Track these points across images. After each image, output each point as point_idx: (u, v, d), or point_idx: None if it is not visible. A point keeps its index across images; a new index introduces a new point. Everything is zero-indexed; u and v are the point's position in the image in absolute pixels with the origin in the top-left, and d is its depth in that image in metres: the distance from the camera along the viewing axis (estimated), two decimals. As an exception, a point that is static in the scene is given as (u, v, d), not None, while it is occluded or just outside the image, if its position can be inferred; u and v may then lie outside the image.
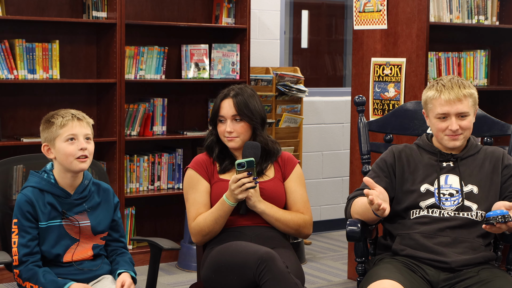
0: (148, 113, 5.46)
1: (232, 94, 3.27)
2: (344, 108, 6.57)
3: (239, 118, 3.25)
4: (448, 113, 3.00)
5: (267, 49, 6.29)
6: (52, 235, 2.91)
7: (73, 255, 2.95)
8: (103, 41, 5.33)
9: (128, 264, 3.02)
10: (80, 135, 2.91)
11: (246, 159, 3.09)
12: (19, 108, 5.19)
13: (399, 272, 2.87)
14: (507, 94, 5.69)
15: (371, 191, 2.81)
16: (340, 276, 5.29)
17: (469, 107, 3.02)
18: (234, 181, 3.11)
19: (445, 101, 2.99)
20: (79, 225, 2.96)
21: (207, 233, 3.21)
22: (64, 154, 2.90)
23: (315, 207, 6.51)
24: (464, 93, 3.00)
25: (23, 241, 2.87)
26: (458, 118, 3.00)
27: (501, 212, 2.76)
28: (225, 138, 3.27)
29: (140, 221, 5.65)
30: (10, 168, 3.12)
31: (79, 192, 2.97)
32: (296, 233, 3.30)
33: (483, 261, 2.97)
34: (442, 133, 3.04)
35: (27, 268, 2.87)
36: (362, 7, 5.00)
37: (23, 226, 2.88)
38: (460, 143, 3.05)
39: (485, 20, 5.31)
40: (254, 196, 3.17)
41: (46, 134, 2.95)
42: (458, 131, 3.01)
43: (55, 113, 2.97)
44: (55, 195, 2.93)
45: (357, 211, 3.04)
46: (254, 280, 2.91)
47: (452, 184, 3.04)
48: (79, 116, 2.94)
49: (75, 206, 2.97)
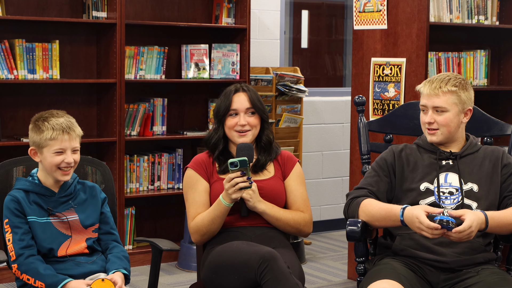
0: (148, 113, 5.46)
1: (244, 88, 3.31)
2: (344, 108, 6.57)
3: (253, 111, 3.27)
4: (426, 105, 3.07)
5: (267, 49, 6.29)
6: (42, 232, 2.95)
7: (67, 249, 2.97)
8: (103, 41, 5.33)
9: (121, 260, 3.02)
10: (68, 148, 2.96)
11: (239, 158, 3.09)
12: (19, 108, 5.19)
13: (399, 272, 2.86)
14: (507, 94, 5.69)
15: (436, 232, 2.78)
16: (340, 276, 5.29)
17: (448, 104, 3.02)
18: (227, 180, 3.11)
19: (425, 94, 3.07)
20: (68, 220, 2.99)
21: (205, 233, 3.21)
22: (50, 164, 2.96)
23: (315, 207, 6.51)
24: (444, 89, 3.02)
25: (17, 236, 2.91)
26: (434, 112, 3.05)
27: (449, 218, 2.76)
28: (235, 133, 3.27)
29: (140, 221, 5.65)
30: (10, 169, 3.14)
31: (64, 189, 3.02)
32: (297, 232, 3.30)
33: (483, 261, 2.97)
34: (423, 126, 3.11)
35: (26, 262, 2.89)
36: (362, 7, 5.00)
37: (14, 222, 2.93)
38: (436, 138, 3.07)
39: (485, 20, 5.31)
40: (253, 197, 3.17)
41: (35, 139, 2.98)
42: (433, 125, 3.05)
43: (46, 117, 2.97)
44: (39, 194, 2.98)
45: (371, 214, 2.98)
46: (255, 280, 2.91)
47: (452, 182, 3.04)
48: (69, 130, 2.96)
49: (61, 204, 3.01)
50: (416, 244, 2.98)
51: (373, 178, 3.10)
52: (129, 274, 3.01)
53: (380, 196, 3.07)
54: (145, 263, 5.41)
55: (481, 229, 2.86)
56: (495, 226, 2.90)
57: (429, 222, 2.77)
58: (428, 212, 2.80)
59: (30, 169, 3.11)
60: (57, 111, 3.03)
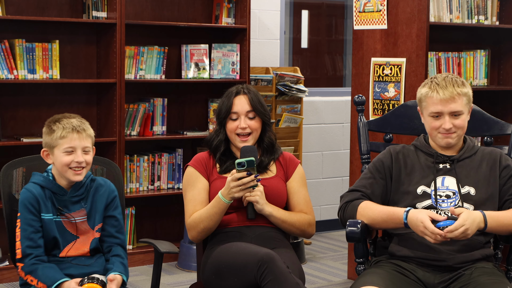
0: (148, 113, 5.46)
1: (245, 91, 3.29)
2: (344, 108, 6.57)
3: (253, 114, 3.27)
4: (442, 112, 2.98)
5: (267, 49, 6.29)
6: (51, 230, 2.94)
7: (69, 250, 2.98)
8: (103, 41, 5.33)
9: (124, 267, 3.03)
10: (79, 148, 2.96)
11: (246, 159, 3.09)
12: (19, 108, 5.19)
13: (385, 278, 2.86)
14: (507, 94, 5.69)
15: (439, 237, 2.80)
16: (340, 276, 5.29)
17: (462, 106, 2.99)
18: (233, 179, 3.10)
19: (438, 100, 2.97)
20: (75, 222, 2.99)
21: (202, 230, 3.20)
22: (60, 164, 2.96)
23: (315, 207, 6.51)
24: (458, 91, 2.97)
25: (26, 234, 2.91)
26: (451, 117, 2.99)
27: (451, 222, 2.79)
28: (237, 137, 3.27)
29: (140, 221, 5.65)
30: (10, 170, 3.14)
31: (76, 189, 3.01)
32: (301, 233, 3.31)
33: (480, 257, 2.96)
34: (435, 131, 3.03)
35: (30, 262, 2.89)
36: (362, 7, 5.00)
37: (26, 219, 2.92)
38: (453, 141, 3.03)
39: (485, 20, 5.31)
40: (261, 199, 3.17)
41: (47, 140, 3.00)
42: (451, 129, 3.00)
43: (58, 119, 3.00)
44: (52, 192, 2.98)
45: (372, 218, 2.98)
46: (255, 282, 2.91)
47: (449, 186, 3.02)
48: (79, 128, 2.97)
49: (72, 204, 3.00)
50: (414, 243, 2.97)
51: (368, 180, 3.09)
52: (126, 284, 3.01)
53: (374, 199, 3.06)
54: (145, 263, 5.41)
55: (480, 228, 2.86)
56: (496, 226, 2.89)
57: (434, 227, 2.78)
58: (432, 218, 2.81)
59: (30, 169, 3.11)
60: (71, 114, 3.04)
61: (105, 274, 2.99)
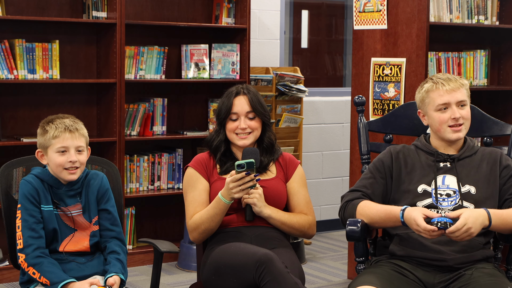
0: (148, 113, 5.46)
1: (244, 91, 3.29)
2: (344, 108, 6.57)
3: (253, 114, 3.27)
4: (449, 102, 3.03)
5: (267, 49, 6.29)
6: (52, 221, 2.96)
7: (67, 244, 2.98)
8: (103, 41, 5.33)
9: (121, 264, 3.02)
10: (72, 147, 2.97)
11: (246, 160, 3.09)
12: (19, 108, 5.19)
13: (383, 278, 2.86)
14: (507, 94, 5.69)
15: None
16: (340, 276, 5.29)
17: (466, 96, 3.08)
18: (233, 180, 3.10)
19: (444, 91, 3.03)
20: (72, 215, 3.01)
21: (203, 231, 3.21)
22: (55, 164, 2.98)
23: (315, 207, 6.51)
24: (461, 82, 3.07)
25: (27, 224, 2.92)
26: (458, 107, 3.04)
27: (446, 219, 2.78)
28: (236, 136, 3.27)
29: (140, 221, 5.65)
30: (10, 170, 3.15)
31: (71, 184, 3.03)
32: (302, 234, 3.32)
33: (481, 258, 2.97)
34: (445, 124, 3.05)
35: (34, 254, 2.89)
36: (362, 7, 5.00)
37: (27, 209, 2.93)
38: (462, 134, 3.07)
39: (485, 20, 5.31)
40: (259, 201, 3.17)
41: (40, 141, 3.02)
42: (460, 119, 3.03)
43: (51, 119, 3.01)
44: (49, 185, 3.00)
45: (370, 217, 2.99)
46: (254, 282, 2.91)
47: (450, 185, 3.03)
48: (72, 128, 2.98)
49: (68, 198, 3.02)
50: (414, 243, 2.98)
51: (369, 180, 3.10)
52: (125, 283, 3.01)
53: (375, 198, 3.07)
54: (145, 263, 5.41)
55: (485, 226, 2.86)
56: (500, 223, 2.89)
57: (426, 224, 2.78)
58: (426, 215, 2.81)
59: (29, 169, 3.11)
60: (64, 114, 3.06)
61: (104, 275, 2.99)
